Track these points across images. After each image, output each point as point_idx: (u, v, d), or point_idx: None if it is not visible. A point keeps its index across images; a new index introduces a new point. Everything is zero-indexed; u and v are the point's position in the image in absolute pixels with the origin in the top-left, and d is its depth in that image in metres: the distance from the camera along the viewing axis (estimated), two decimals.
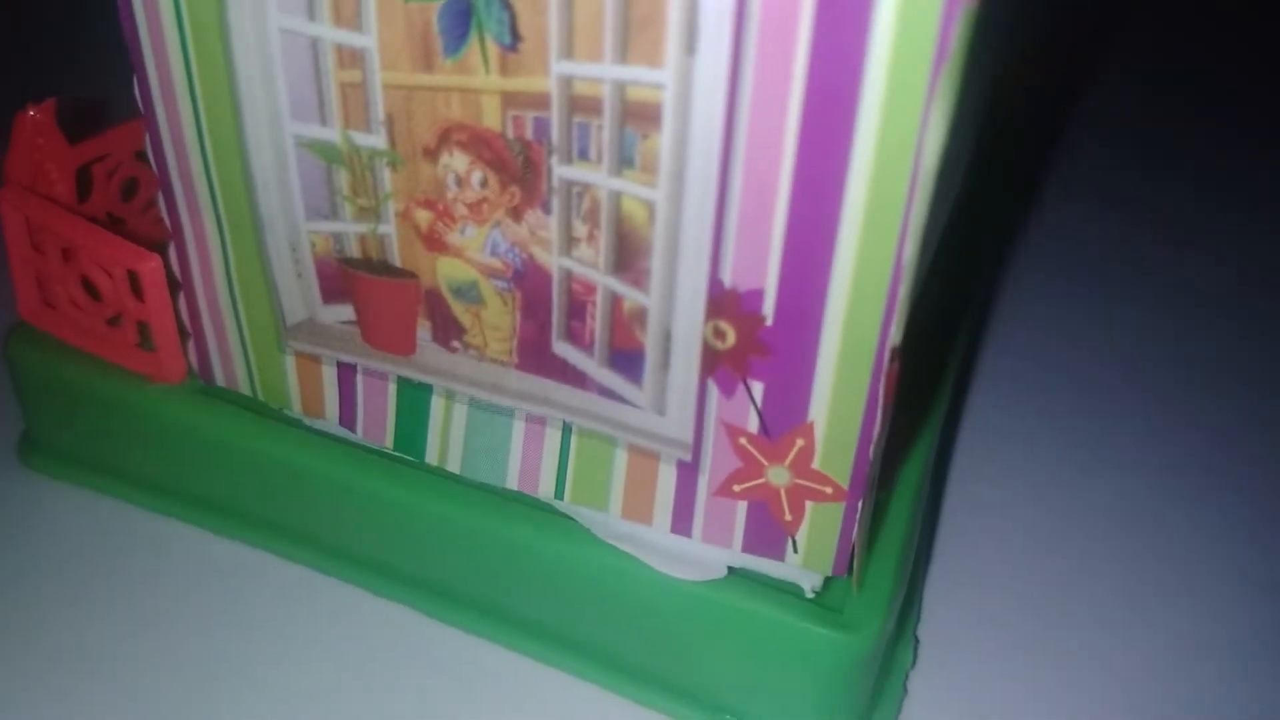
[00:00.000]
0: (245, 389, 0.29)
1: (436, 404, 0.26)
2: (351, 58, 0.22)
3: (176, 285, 0.28)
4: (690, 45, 0.19)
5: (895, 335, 0.21)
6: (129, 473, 0.32)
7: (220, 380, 0.29)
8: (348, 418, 0.28)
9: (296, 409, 0.28)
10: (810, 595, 0.24)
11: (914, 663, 0.29)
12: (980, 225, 0.39)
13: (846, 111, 0.19)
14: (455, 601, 0.28)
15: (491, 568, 0.27)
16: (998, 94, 0.32)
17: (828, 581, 0.25)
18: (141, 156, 0.32)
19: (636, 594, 0.25)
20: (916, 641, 0.29)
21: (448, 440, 0.27)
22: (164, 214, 0.27)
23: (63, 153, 0.30)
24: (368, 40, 0.22)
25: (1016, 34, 0.32)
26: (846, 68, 0.18)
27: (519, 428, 0.26)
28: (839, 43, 0.18)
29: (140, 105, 0.25)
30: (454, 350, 0.26)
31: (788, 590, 0.25)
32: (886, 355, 0.21)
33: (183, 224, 0.27)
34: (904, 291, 0.20)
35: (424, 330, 0.26)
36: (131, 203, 0.33)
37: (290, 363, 0.28)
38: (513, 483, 0.26)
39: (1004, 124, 0.41)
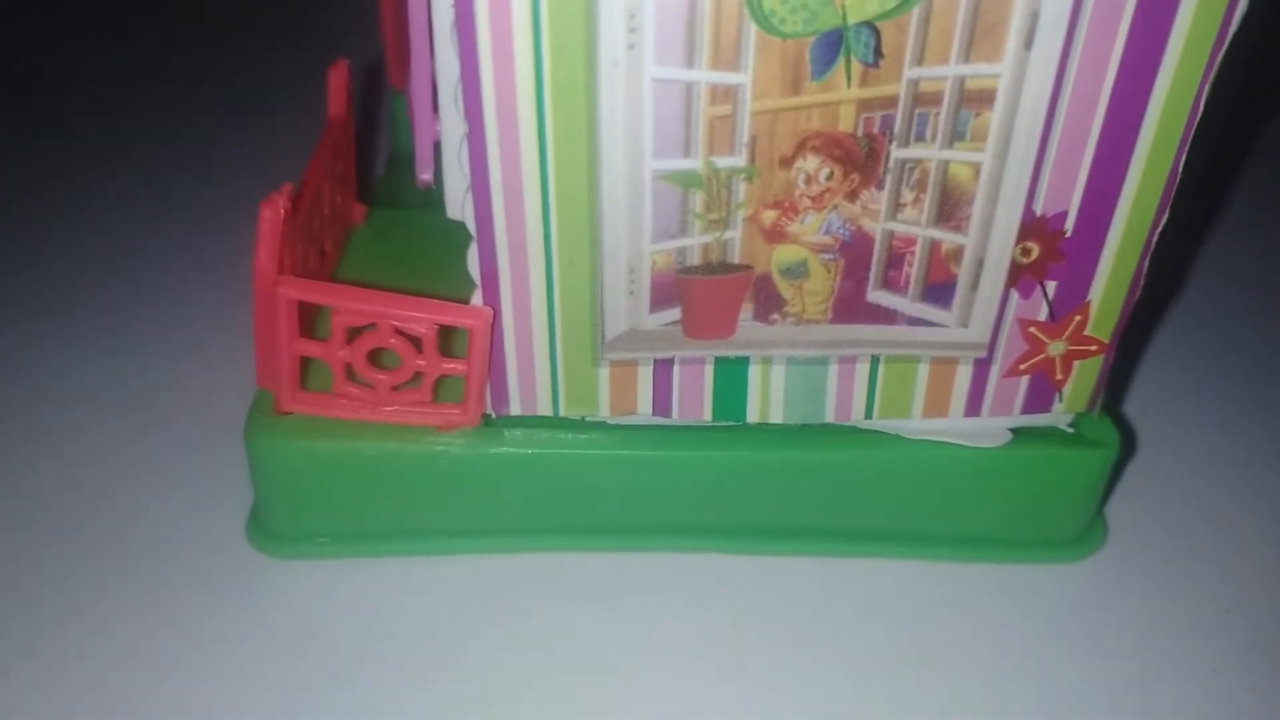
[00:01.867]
0: (545, 410, 0.31)
1: (754, 371, 0.31)
2: (725, 94, 0.26)
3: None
4: (1028, 42, 0.25)
5: (1161, 223, 0.28)
6: (405, 527, 0.33)
7: (517, 410, 0.31)
8: (662, 407, 0.31)
9: (604, 413, 0.31)
10: (1070, 431, 0.33)
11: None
12: None
13: (1148, 78, 0.26)
14: (766, 535, 0.34)
15: (802, 491, 0.33)
16: None
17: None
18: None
19: (944, 471, 0.32)
20: None
21: (768, 398, 0.31)
22: (475, 264, 0.28)
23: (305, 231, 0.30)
24: (743, 77, 0.26)
25: None
26: (1153, 49, 0.25)
27: (832, 370, 0.31)
28: (1149, 30, 0.25)
29: (469, 170, 0.27)
30: (773, 322, 0.30)
31: (1053, 432, 0.33)
32: (1155, 237, 0.29)
33: (500, 270, 0.28)
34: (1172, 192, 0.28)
35: (745, 311, 0.30)
36: None
37: (604, 373, 0.31)
38: (830, 417, 0.32)
39: None
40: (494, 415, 0.32)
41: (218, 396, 0.39)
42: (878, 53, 0.26)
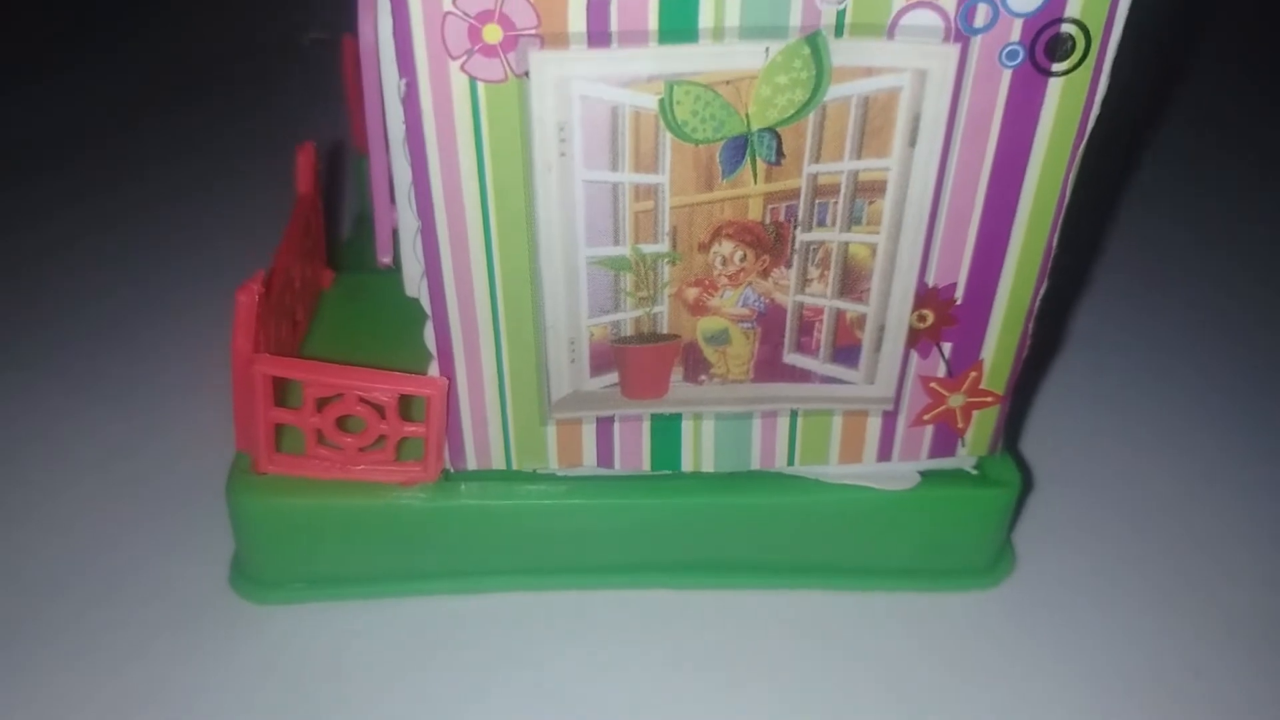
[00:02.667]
0: (499, 464, 0.35)
1: (687, 426, 0.34)
2: (647, 191, 0.29)
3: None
4: (912, 141, 0.29)
5: (1042, 289, 0.32)
6: (373, 573, 0.36)
7: (473, 465, 0.35)
8: (605, 459, 0.35)
9: (553, 466, 0.35)
10: (974, 472, 0.36)
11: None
12: None
13: (1019, 170, 0.30)
14: (702, 570, 0.37)
15: (734, 531, 0.36)
16: None
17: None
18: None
19: (860, 512, 0.36)
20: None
21: (700, 450, 0.35)
22: (431, 338, 0.32)
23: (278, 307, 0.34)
24: (662, 178, 0.29)
25: None
26: (1021, 146, 0.29)
27: (756, 424, 0.34)
28: (1017, 131, 0.29)
29: (422, 257, 0.30)
30: (701, 383, 0.33)
31: (958, 474, 0.36)
32: (1038, 303, 0.32)
33: (454, 343, 0.32)
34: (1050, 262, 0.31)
35: (676, 374, 0.33)
36: None
37: (551, 430, 0.34)
38: (756, 464, 0.35)
39: None
40: (452, 470, 0.35)
41: (197, 453, 0.42)
42: (779, 153, 0.29)
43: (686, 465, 0.35)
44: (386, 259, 0.33)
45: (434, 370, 0.32)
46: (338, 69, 0.52)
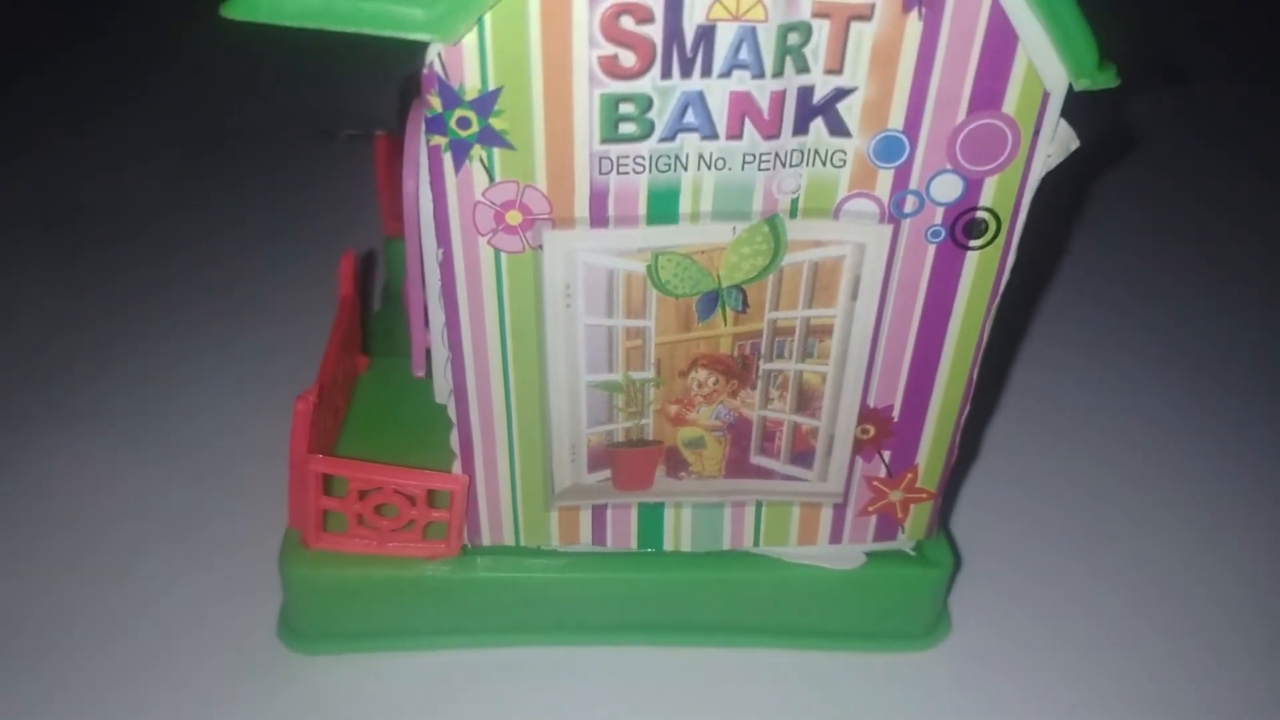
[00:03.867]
0: (509, 541, 0.41)
1: (668, 513, 0.41)
2: (636, 332, 0.36)
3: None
4: (854, 295, 0.35)
5: (965, 411, 0.38)
6: (402, 630, 0.42)
7: (487, 541, 0.41)
8: (599, 538, 0.41)
9: (554, 543, 0.41)
10: (912, 553, 0.42)
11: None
12: None
13: (944, 319, 0.36)
14: (682, 630, 0.43)
15: (709, 599, 0.42)
16: None
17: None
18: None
19: (809, 587, 0.42)
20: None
21: (679, 532, 0.41)
22: (455, 442, 0.38)
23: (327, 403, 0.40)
24: (648, 322, 0.35)
25: None
26: (945, 302, 0.35)
27: (727, 512, 0.41)
28: (941, 290, 0.35)
29: (451, 379, 0.36)
30: (680, 478, 0.40)
31: (899, 555, 0.42)
32: (963, 420, 0.38)
33: (474, 447, 0.38)
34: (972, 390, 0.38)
35: (659, 471, 0.39)
36: None
37: (554, 515, 0.40)
38: (726, 545, 0.41)
39: None
40: (470, 545, 0.41)
41: (252, 518, 0.48)
42: (745, 303, 0.35)
43: (668, 545, 0.42)
44: (420, 373, 0.39)
45: (457, 468, 0.39)
46: (370, 160, 0.58)
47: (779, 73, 0.30)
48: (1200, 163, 0.91)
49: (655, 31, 0.29)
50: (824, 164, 0.32)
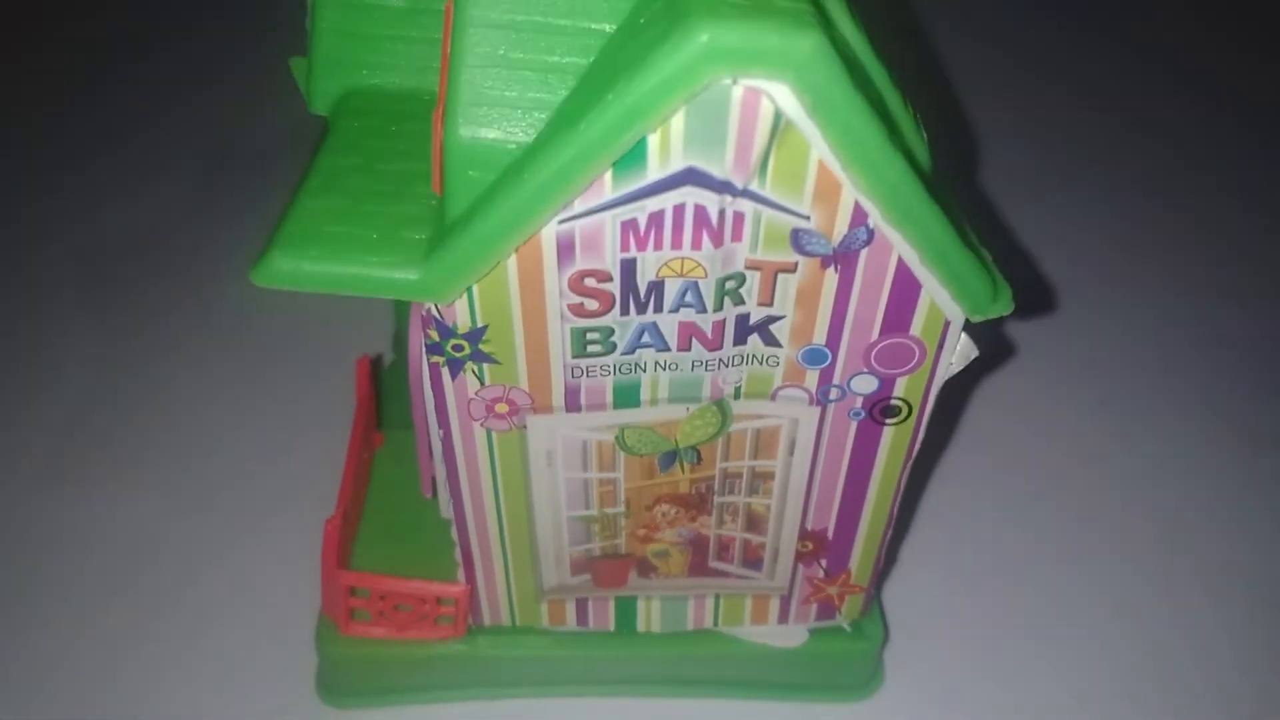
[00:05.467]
0: (506, 622, 0.49)
1: (640, 603, 0.48)
2: (608, 482, 0.42)
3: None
4: (791, 451, 0.42)
5: (889, 532, 0.45)
6: (420, 687, 0.50)
7: (488, 621, 0.49)
8: (582, 621, 0.49)
9: (545, 624, 0.49)
10: (849, 629, 0.50)
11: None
12: None
13: (867, 470, 0.42)
14: (654, 685, 0.51)
15: (674, 665, 0.50)
16: None
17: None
18: None
19: (761, 657, 0.50)
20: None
21: (650, 617, 0.49)
22: (458, 555, 0.45)
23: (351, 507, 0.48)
24: (617, 474, 0.42)
25: None
26: (867, 460, 0.42)
27: (690, 602, 0.48)
28: (864, 452, 0.41)
29: (453, 513, 0.43)
30: (650, 578, 0.47)
31: (837, 631, 0.50)
32: (888, 536, 0.45)
33: (474, 561, 0.45)
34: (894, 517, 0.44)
35: (632, 574, 0.47)
36: None
37: (544, 605, 0.48)
38: (690, 626, 0.49)
39: None
40: (473, 625, 0.49)
41: (294, 590, 0.56)
42: (699, 458, 0.42)
43: (641, 627, 0.49)
44: (428, 495, 0.46)
45: (460, 577, 0.46)
46: None
47: (719, 308, 0.36)
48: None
49: (614, 287, 0.35)
50: (760, 364, 0.38)
